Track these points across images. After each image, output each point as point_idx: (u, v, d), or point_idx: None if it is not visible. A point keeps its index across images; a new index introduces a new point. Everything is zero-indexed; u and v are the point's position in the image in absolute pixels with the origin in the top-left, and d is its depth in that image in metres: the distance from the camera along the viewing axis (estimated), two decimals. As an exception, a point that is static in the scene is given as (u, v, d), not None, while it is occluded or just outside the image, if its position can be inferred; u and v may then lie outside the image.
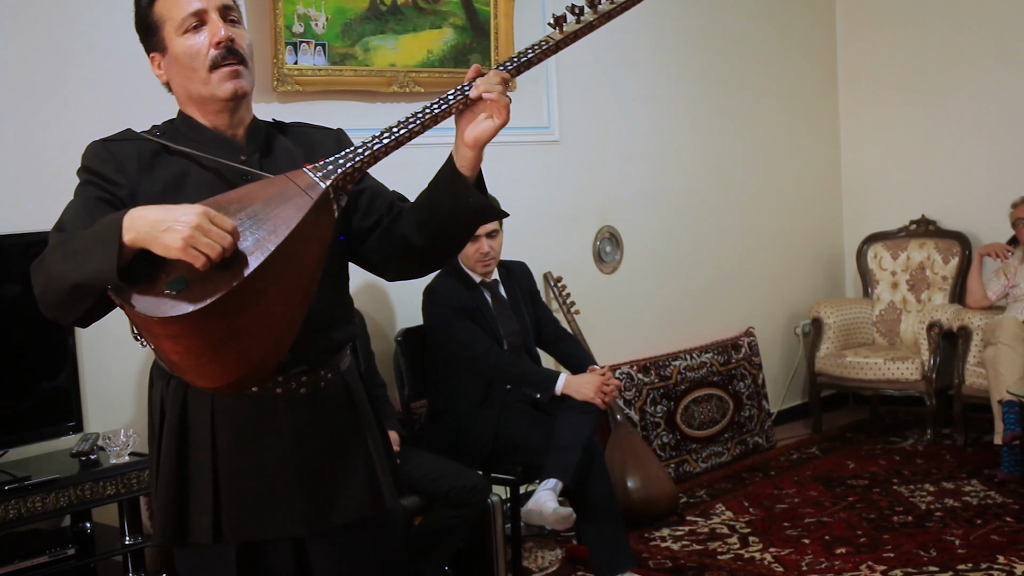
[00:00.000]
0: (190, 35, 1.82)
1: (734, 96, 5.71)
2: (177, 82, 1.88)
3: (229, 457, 1.83)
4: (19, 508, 2.82)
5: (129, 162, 1.83)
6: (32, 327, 3.10)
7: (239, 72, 1.83)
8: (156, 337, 1.63)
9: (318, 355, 1.87)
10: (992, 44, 5.84)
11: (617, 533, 3.66)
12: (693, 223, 5.48)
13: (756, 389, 5.49)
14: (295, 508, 1.84)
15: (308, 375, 1.86)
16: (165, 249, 1.56)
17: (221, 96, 1.83)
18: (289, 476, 1.84)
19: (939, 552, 3.84)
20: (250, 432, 1.83)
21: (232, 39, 1.82)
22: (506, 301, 3.91)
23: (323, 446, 1.87)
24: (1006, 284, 5.33)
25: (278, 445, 1.84)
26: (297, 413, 1.85)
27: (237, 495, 1.83)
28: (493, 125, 1.79)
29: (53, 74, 3.32)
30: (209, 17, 1.82)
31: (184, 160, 1.84)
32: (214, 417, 1.83)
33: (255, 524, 1.84)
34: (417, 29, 4.16)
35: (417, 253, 1.89)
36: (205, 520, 1.83)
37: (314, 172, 1.70)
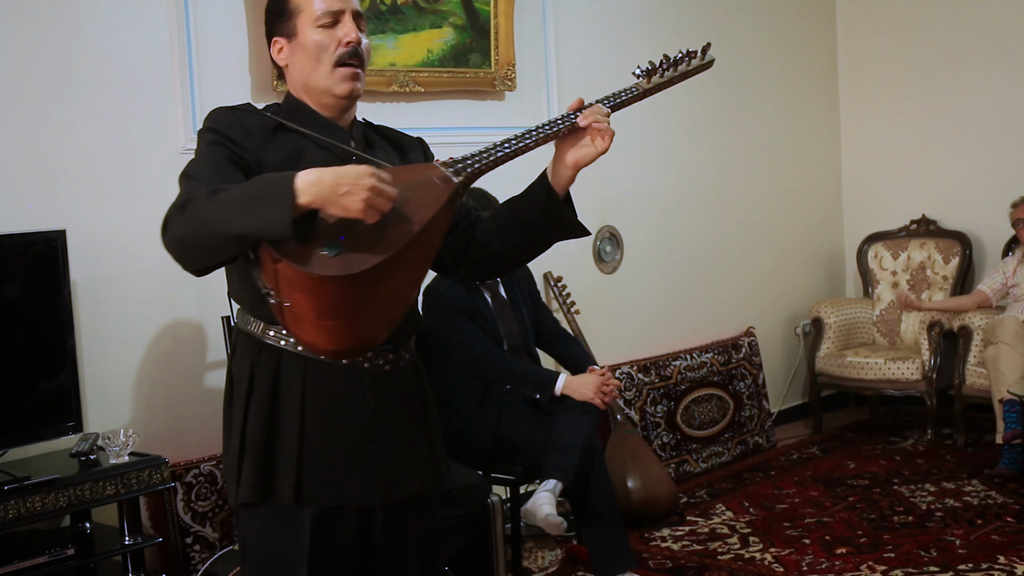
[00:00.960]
0: (324, 29, 1.96)
1: (734, 96, 5.70)
2: (298, 69, 2.01)
3: (316, 425, 1.93)
4: (19, 508, 2.82)
5: (254, 130, 1.95)
6: (32, 327, 3.10)
7: (359, 75, 1.99)
8: (300, 293, 1.70)
9: (403, 335, 1.99)
10: (992, 44, 5.84)
11: (617, 533, 3.65)
12: (693, 223, 5.48)
13: (756, 389, 5.48)
14: (371, 478, 1.95)
15: (393, 353, 1.98)
16: (343, 209, 1.67)
17: (338, 92, 1.97)
18: (369, 448, 1.95)
19: (940, 552, 3.84)
20: (337, 403, 1.94)
21: (361, 41, 1.98)
22: (506, 301, 3.91)
23: (399, 422, 2.00)
24: (1004, 283, 5.32)
25: (361, 417, 1.95)
26: (380, 388, 1.97)
27: (320, 461, 1.93)
28: (595, 151, 1.97)
29: (53, 74, 3.32)
30: (344, 18, 1.97)
31: (300, 139, 1.97)
32: (305, 386, 1.93)
33: (334, 490, 1.93)
34: (417, 29, 4.16)
35: (495, 259, 2.06)
36: (289, 482, 1.91)
37: (446, 168, 1.85)
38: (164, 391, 3.55)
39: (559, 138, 1.98)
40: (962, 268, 5.78)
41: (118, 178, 3.45)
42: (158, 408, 3.54)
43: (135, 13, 3.49)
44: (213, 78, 3.65)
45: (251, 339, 1.97)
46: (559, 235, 2.04)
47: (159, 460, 3.13)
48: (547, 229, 2.02)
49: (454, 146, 4.35)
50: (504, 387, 3.80)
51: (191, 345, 3.62)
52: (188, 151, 3.56)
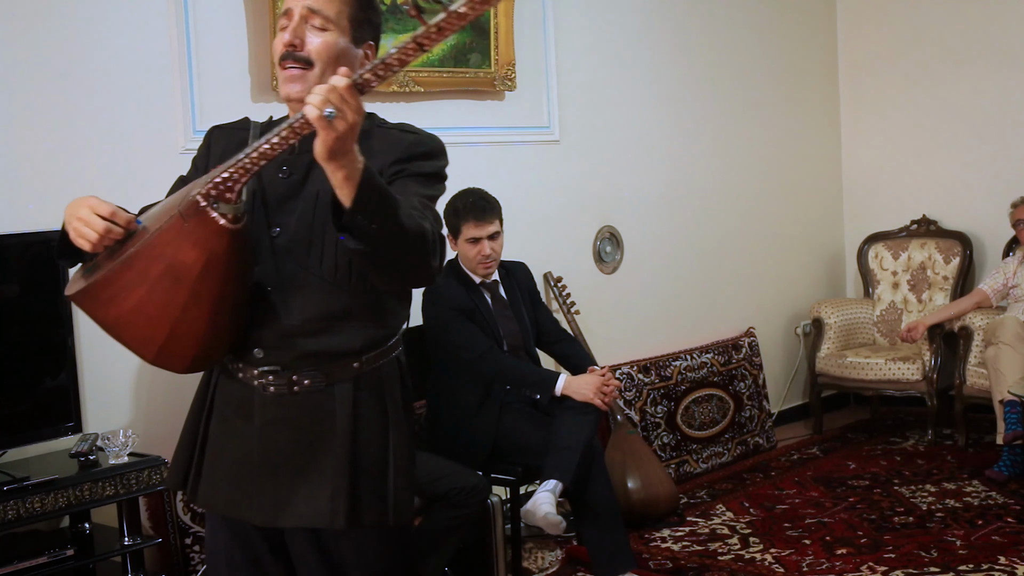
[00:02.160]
0: (280, 34, 1.93)
1: (735, 96, 5.70)
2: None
3: (214, 432, 1.96)
4: (18, 508, 2.82)
5: (217, 148, 1.97)
6: (32, 327, 3.10)
7: (294, 76, 1.88)
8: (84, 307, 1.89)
9: (294, 361, 1.89)
10: (992, 44, 5.83)
11: (617, 534, 3.65)
12: (694, 223, 5.47)
13: (757, 389, 5.48)
14: (260, 498, 1.91)
15: (278, 376, 1.89)
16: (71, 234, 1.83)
17: (282, 93, 1.93)
18: (255, 466, 1.91)
19: (940, 553, 3.83)
20: (232, 413, 1.95)
21: (293, 44, 1.88)
22: (506, 302, 3.90)
23: (290, 448, 1.90)
24: (1005, 283, 5.32)
25: (251, 434, 1.92)
26: (267, 410, 1.91)
27: (212, 468, 1.95)
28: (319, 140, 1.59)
29: (53, 75, 3.31)
30: (290, 20, 1.90)
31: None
32: (214, 391, 1.98)
33: (223, 500, 1.94)
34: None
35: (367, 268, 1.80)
36: (190, 480, 1.99)
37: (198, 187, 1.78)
38: (164, 391, 3.55)
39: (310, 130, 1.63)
40: (962, 268, 5.77)
41: (118, 178, 3.44)
42: (158, 408, 3.53)
43: (135, 13, 3.49)
44: (213, 78, 3.65)
45: None
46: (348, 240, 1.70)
47: (159, 460, 3.13)
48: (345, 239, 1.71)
49: (454, 146, 4.37)
50: (504, 387, 3.79)
51: (191, 345, 3.61)
52: (188, 151, 3.57)
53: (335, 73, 1.66)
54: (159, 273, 1.77)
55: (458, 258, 3.83)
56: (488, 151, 4.54)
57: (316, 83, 1.80)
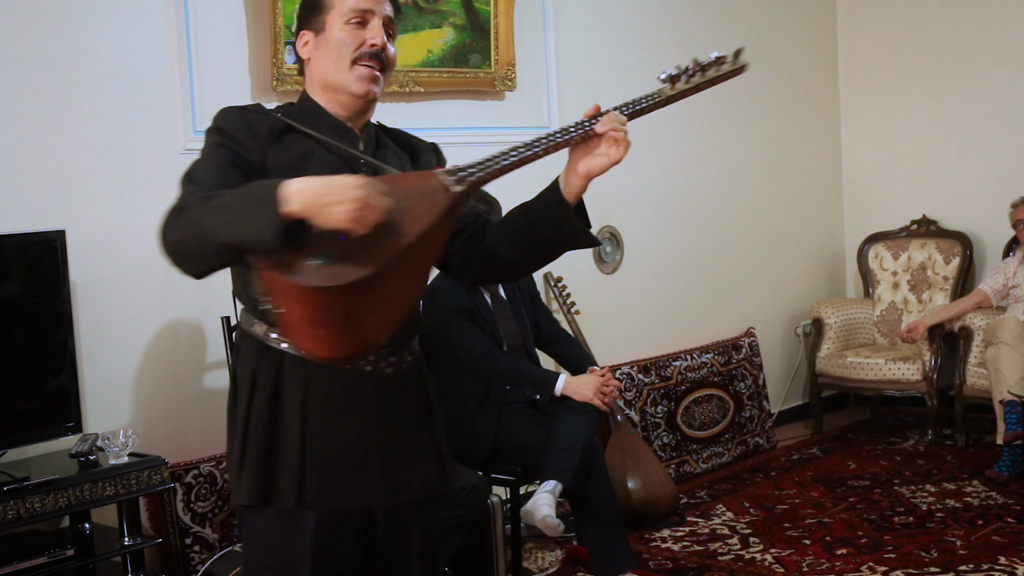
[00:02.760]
0: (351, 27, 1.95)
1: (735, 96, 5.69)
2: (318, 64, 1.99)
3: (318, 428, 1.92)
4: (18, 509, 2.82)
5: (261, 131, 1.93)
6: (32, 327, 3.10)
7: (377, 78, 1.98)
8: (291, 302, 1.71)
9: (404, 337, 1.99)
10: (993, 44, 5.83)
11: (617, 534, 3.65)
12: (694, 223, 5.47)
13: (757, 389, 5.48)
14: (375, 481, 1.94)
15: (395, 356, 1.98)
16: (329, 220, 1.66)
17: (355, 91, 1.96)
18: (371, 451, 1.94)
19: (940, 553, 3.83)
20: (340, 406, 1.93)
21: (385, 46, 1.98)
22: (506, 302, 3.90)
23: (403, 425, 1.99)
24: (1005, 284, 5.32)
25: (364, 420, 1.94)
26: (383, 392, 1.96)
27: (322, 465, 1.92)
28: (608, 161, 1.92)
29: (53, 75, 3.31)
30: (373, 20, 1.97)
31: (308, 141, 1.95)
32: (307, 389, 1.92)
33: (337, 493, 1.93)
34: (417, 29, 4.15)
35: (502, 264, 2.03)
36: (290, 485, 1.91)
37: (447, 176, 1.82)
38: (164, 391, 3.55)
39: (572, 145, 1.95)
40: (963, 268, 5.77)
41: (118, 178, 3.44)
42: (157, 408, 3.53)
43: (135, 13, 3.49)
44: (213, 78, 3.65)
45: (254, 340, 1.96)
46: (568, 245, 2.01)
47: (158, 461, 3.13)
48: (556, 238, 1.99)
49: (454, 146, 4.36)
50: (504, 388, 3.79)
51: (190, 345, 3.62)
52: (188, 151, 3.57)
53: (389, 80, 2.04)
54: (419, 263, 1.79)
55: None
56: (488, 151, 4.52)
57: (382, 86, 2.01)
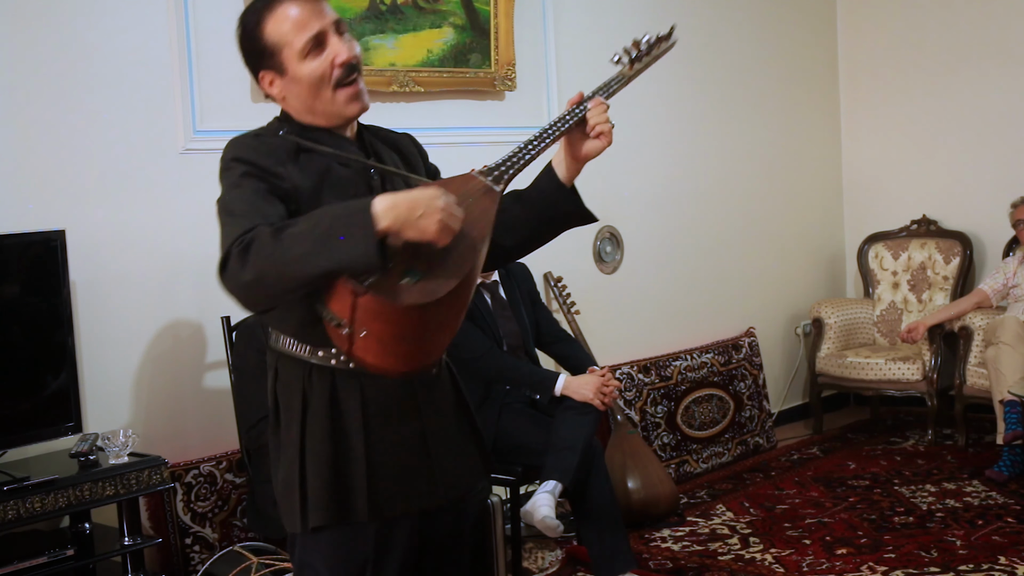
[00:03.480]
0: (312, 58, 1.88)
1: (735, 96, 5.70)
2: (299, 100, 1.92)
3: (380, 437, 1.93)
4: (18, 508, 2.82)
5: (283, 156, 1.88)
6: (32, 327, 3.10)
7: (361, 91, 1.93)
8: (383, 323, 1.70)
9: None
10: (993, 44, 5.83)
11: (617, 534, 3.65)
12: (694, 223, 5.47)
13: (757, 389, 5.48)
14: (433, 480, 1.97)
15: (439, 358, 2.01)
16: (420, 232, 1.67)
17: (349, 114, 1.93)
18: (425, 452, 1.97)
19: (940, 553, 3.83)
20: (395, 412, 1.94)
21: (356, 57, 1.92)
22: (506, 302, 3.90)
23: (446, 422, 2.03)
24: (1005, 283, 5.32)
25: (415, 422, 1.96)
26: (429, 393, 1.99)
27: (386, 473, 1.93)
28: (602, 145, 2.03)
29: (53, 75, 3.31)
30: (328, 37, 1.89)
31: (321, 158, 1.91)
32: (364, 401, 1.91)
33: (402, 498, 1.94)
34: (417, 29, 4.15)
35: (502, 252, 2.02)
36: (361, 498, 1.90)
37: (484, 176, 1.85)
38: (164, 391, 3.55)
39: (569, 133, 2.01)
40: (963, 268, 5.77)
41: (118, 178, 3.44)
42: (158, 408, 3.53)
43: (135, 13, 3.49)
44: (213, 78, 3.65)
45: (298, 362, 1.91)
46: (568, 225, 2.07)
47: (158, 460, 3.13)
48: (558, 220, 2.04)
49: (454, 146, 4.38)
50: (504, 387, 3.79)
51: (191, 345, 3.62)
52: (188, 151, 3.58)
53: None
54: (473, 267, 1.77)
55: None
56: (488, 151, 4.52)
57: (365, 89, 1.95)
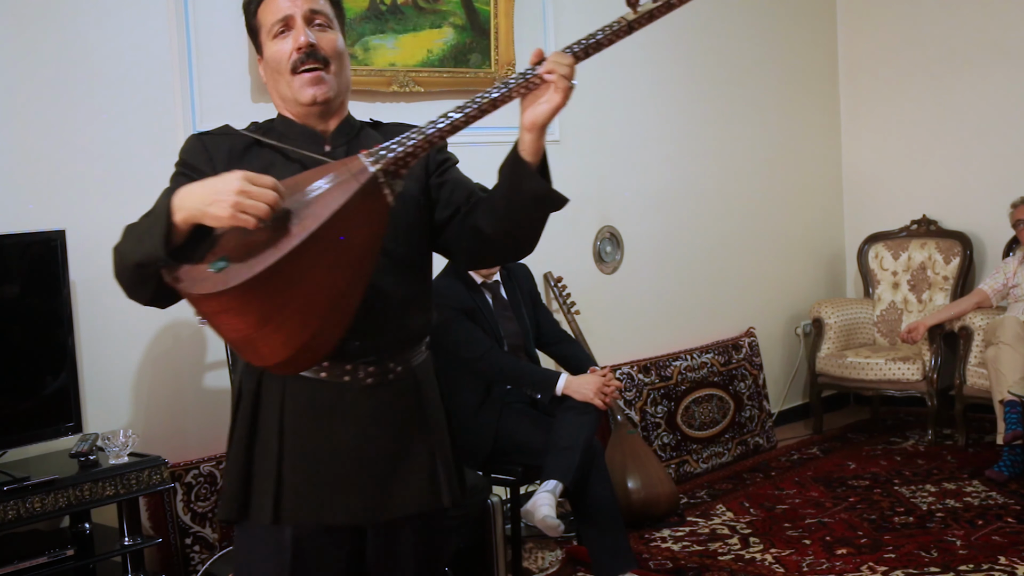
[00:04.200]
0: (278, 40, 1.91)
1: (735, 96, 5.70)
2: (271, 84, 1.97)
3: (295, 442, 1.87)
4: (18, 508, 2.82)
5: (219, 154, 1.90)
6: (32, 327, 3.10)
7: (320, 78, 1.90)
8: (206, 315, 1.69)
9: (388, 345, 1.90)
10: (993, 44, 5.83)
11: (617, 534, 3.65)
12: (694, 223, 5.47)
13: (757, 389, 5.48)
14: (355, 497, 1.88)
15: (376, 365, 1.89)
16: (216, 219, 1.63)
17: (302, 100, 1.91)
18: (352, 465, 1.88)
19: (940, 553, 3.83)
20: (317, 418, 1.87)
21: (312, 45, 1.89)
22: (507, 302, 3.91)
23: (387, 438, 1.91)
24: (1005, 283, 5.32)
25: (343, 434, 1.87)
26: (364, 403, 1.88)
27: (299, 480, 1.87)
28: (550, 106, 1.75)
29: (53, 75, 3.31)
30: (294, 22, 1.90)
31: (271, 153, 1.91)
32: (284, 401, 1.88)
33: (314, 509, 1.87)
34: (417, 29, 4.15)
35: (488, 242, 1.90)
36: (267, 501, 1.87)
37: (367, 157, 1.71)
38: (164, 391, 3.55)
39: (519, 97, 1.78)
40: (963, 268, 5.77)
41: (118, 178, 3.44)
42: (158, 408, 3.53)
43: (135, 13, 3.49)
44: (213, 78, 3.65)
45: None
46: (536, 207, 1.83)
47: (159, 460, 3.13)
48: (525, 203, 1.82)
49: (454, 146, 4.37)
50: (505, 387, 3.80)
51: (191, 345, 3.62)
52: (188, 151, 3.57)
53: (343, 70, 1.95)
54: (334, 254, 1.66)
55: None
56: (488, 151, 4.52)
57: (334, 82, 1.92)
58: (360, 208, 1.67)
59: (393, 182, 1.71)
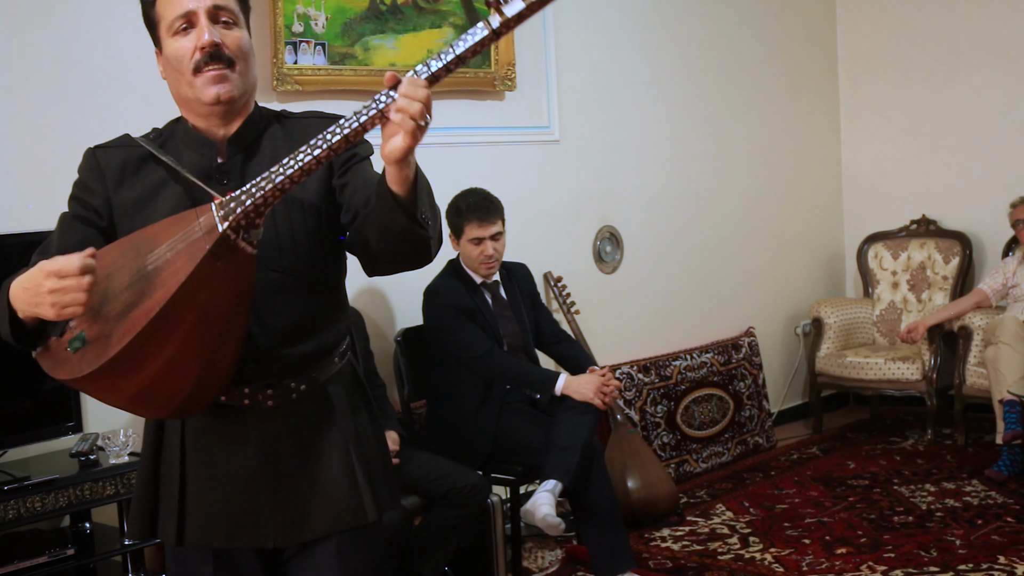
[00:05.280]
0: (179, 37, 1.79)
1: (735, 96, 5.70)
2: (170, 83, 1.86)
3: (197, 464, 1.82)
4: (19, 508, 2.82)
5: (111, 170, 1.85)
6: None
7: (224, 76, 1.78)
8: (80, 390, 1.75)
9: (287, 368, 1.82)
10: (992, 44, 5.84)
11: (617, 533, 3.65)
12: (693, 223, 5.48)
13: (756, 389, 5.48)
14: (264, 520, 1.81)
15: (275, 388, 1.81)
16: (48, 317, 1.59)
17: (205, 100, 1.79)
18: (258, 488, 1.81)
19: (940, 552, 3.83)
20: (218, 442, 1.82)
21: (216, 44, 1.77)
22: (506, 302, 3.91)
23: (296, 458, 1.83)
24: (1004, 283, 5.32)
25: (246, 456, 1.81)
26: (265, 425, 1.81)
27: (204, 502, 1.82)
28: (403, 145, 1.53)
29: (53, 74, 3.32)
30: (198, 19, 1.78)
31: (163, 170, 1.83)
32: (184, 424, 1.84)
33: (221, 532, 1.82)
34: (417, 29, 4.16)
35: (378, 256, 1.75)
36: (170, 525, 1.83)
37: (219, 209, 1.59)
38: (164, 391, 3.55)
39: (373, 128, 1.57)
40: (962, 268, 5.78)
41: (118, 178, 3.44)
42: (158, 408, 3.53)
43: (135, 13, 3.47)
44: (213, 78, 3.64)
45: None
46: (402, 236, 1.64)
47: (159, 460, 3.13)
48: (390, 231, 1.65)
49: (454, 146, 4.38)
50: (504, 387, 3.80)
51: (191, 345, 3.61)
52: (188, 151, 3.57)
53: (249, 69, 1.82)
54: (192, 322, 1.59)
55: (460, 258, 3.83)
56: (488, 151, 4.54)
57: (239, 82, 1.80)
58: (214, 269, 1.57)
59: (249, 234, 1.60)
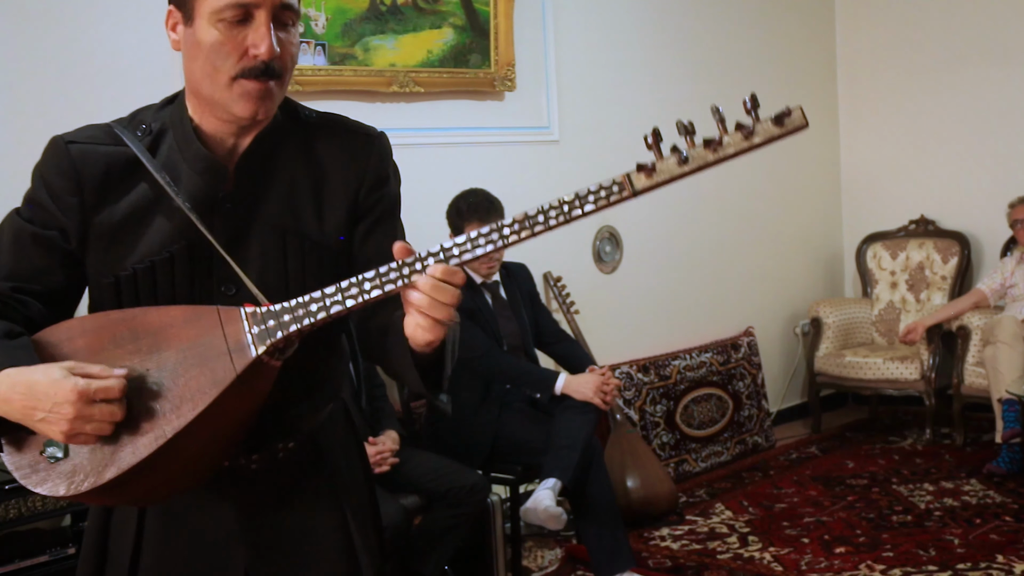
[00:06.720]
0: (226, 26, 1.43)
1: (734, 95, 5.69)
2: (190, 66, 1.49)
3: (157, 534, 1.58)
4: (19, 507, 2.83)
5: (90, 178, 1.52)
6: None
7: (270, 92, 1.46)
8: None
9: (273, 430, 1.59)
10: (991, 44, 5.84)
11: (617, 532, 3.66)
12: (693, 223, 5.48)
13: (755, 389, 5.49)
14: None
15: (260, 452, 1.59)
16: (47, 435, 1.35)
17: (238, 113, 1.47)
18: (236, 554, 1.59)
19: (938, 551, 3.84)
20: (187, 509, 1.58)
21: (275, 57, 1.44)
22: (506, 302, 3.91)
23: (283, 522, 1.62)
24: (1002, 283, 5.33)
25: (221, 522, 1.59)
26: (248, 488, 1.59)
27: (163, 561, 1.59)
28: (428, 336, 1.37)
29: (54, 74, 3.32)
30: (259, 15, 1.43)
31: (155, 189, 1.50)
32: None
33: None
34: (417, 29, 4.16)
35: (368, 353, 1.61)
36: None
37: (252, 323, 1.38)
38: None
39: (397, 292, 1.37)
40: (961, 268, 5.78)
41: (118, 178, 3.45)
42: (158, 408, 3.53)
43: (135, 13, 3.50)
44: (213, 78, 3.65)
45: None
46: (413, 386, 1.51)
47: (160, 459, 3.13)
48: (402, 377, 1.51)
49: (454, 147, 4.38)
50: (504, 386, 3.80)
51: (191, 345, 3.62)
52: (188, 151, 3.58)
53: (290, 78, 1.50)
54: (203, 441, 1.42)
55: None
56: (488, 151, 4.54)
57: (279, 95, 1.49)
58: (238, 392, 1.38)
59: (284, 353, 1.41)
